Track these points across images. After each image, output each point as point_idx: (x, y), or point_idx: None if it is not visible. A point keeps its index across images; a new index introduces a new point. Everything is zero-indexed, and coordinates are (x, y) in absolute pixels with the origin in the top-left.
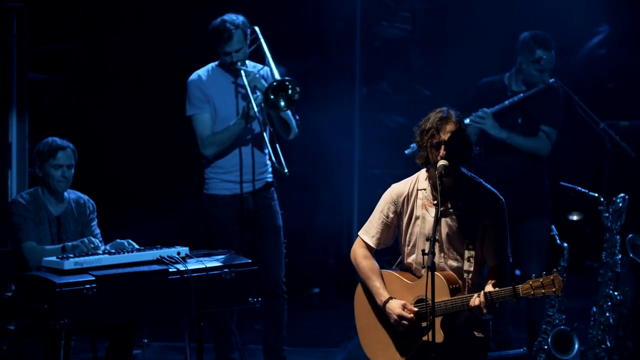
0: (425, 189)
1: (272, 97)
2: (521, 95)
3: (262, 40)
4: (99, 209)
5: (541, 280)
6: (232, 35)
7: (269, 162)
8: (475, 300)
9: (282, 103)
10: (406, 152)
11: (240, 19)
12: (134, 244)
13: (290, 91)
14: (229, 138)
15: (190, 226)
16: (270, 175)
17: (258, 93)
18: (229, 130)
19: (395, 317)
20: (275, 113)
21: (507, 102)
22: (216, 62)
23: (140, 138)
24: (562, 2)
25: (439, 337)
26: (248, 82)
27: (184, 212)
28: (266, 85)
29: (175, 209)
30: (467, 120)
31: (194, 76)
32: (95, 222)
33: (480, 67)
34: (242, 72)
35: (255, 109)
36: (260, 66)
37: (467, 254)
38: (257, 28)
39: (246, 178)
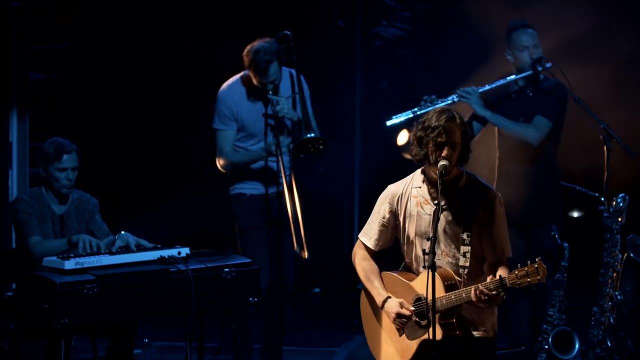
0: (420, 187)
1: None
2: (512, 77)
3: (293, 52)
4: (100, 209)
5: (526, 269)
6: (268, 68)
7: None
8: (470, 294)
9: (309, 150)
10: (387, 123)
11: (274, 46)
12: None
13: (316, 144)
14: (246, 164)
15: (190, 226)
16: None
17: (286, 132)
18: (249, 157)
19: (393, 315)
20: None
21: (498, 82)
22: (247, 72)
23: (141, 137)
24: (563, 3)
25: (438, 334)
26: (277, 110)
27: (184, 212)
28: (296, 113)
29: (175, 209)
30: (453, 96)
31: (225, 90)
32: (98, 216)
33: (480, 67)
34: (272, 100)
35: (280, 148)
36: (289, 73)
37: (462, 249)
38: (288, 33)
39: (273, 179)
